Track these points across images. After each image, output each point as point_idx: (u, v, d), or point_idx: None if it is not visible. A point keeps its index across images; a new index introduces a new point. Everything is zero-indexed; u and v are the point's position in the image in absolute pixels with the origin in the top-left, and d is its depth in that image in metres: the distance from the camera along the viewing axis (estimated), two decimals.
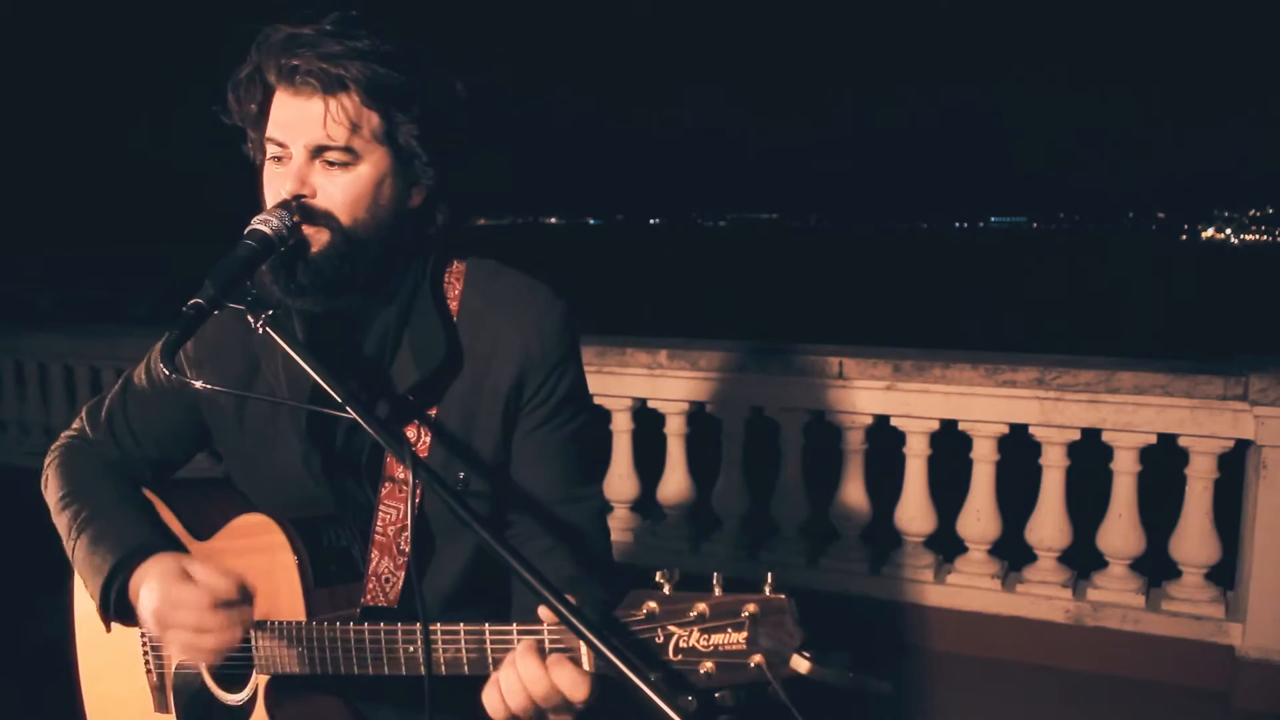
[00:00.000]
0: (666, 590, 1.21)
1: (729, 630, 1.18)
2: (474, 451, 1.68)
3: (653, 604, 1.22)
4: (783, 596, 1.16)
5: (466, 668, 1.40)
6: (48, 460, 1.87)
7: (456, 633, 1.40)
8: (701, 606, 1.19)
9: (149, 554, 1.61)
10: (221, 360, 1.72)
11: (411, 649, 1.45)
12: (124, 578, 1.61)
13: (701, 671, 1.19)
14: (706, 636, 1.19)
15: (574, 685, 1.29)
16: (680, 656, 1.20)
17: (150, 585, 1.56)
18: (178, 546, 1.72)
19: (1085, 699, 3.68)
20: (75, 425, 1.90)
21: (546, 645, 1.33)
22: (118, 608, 1.63)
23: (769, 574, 1.18)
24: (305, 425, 1.67)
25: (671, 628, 1.20)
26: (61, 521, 1.76)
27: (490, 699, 1.37)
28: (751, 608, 1.16)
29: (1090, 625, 3.87)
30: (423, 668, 1.43)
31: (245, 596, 1.55)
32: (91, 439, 1.86)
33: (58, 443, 1.89)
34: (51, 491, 1.81)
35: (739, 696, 1.19)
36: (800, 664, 1.13)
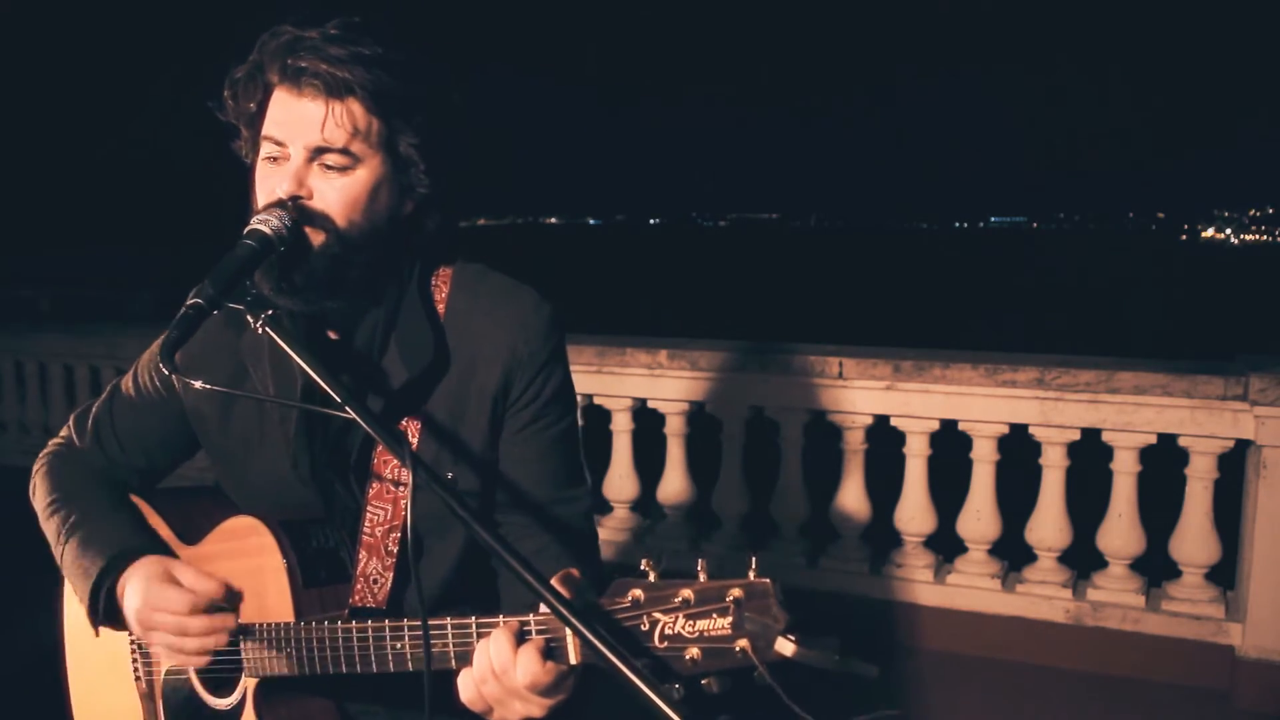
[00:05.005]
0: (651, 577, 1.21)
1: (714, 615, 1.16)
2: (461, 451, 1.68)
3: (638, 591, 1.21)
4: (767, 580, 1.15)
5: (454, 662, 1.38)
6: (35, 468, 1.86)
7: (444, 627, 1.38)
8: (686, 593, 1.18)
9: (136, 556, 1.62)
10: (209, 365, 1.71)
11: (400, 645, 1.44)
12: (112, 580, 1.62)
13: (687, 658, 1.18)
14: (692, 623, 1.18)
15: (533, 674, 1.27)
16: (666, 644, 1.19)
17: (134, 586, 1.57)
18: (166, 550, 1.72)
19: (1085, 699, 3.68)
20: (62, 434, 1.90)
21: (534, 631, 1.31)
22: (106, 611, 1.64)
23: (752, 558, 1.17)
24: (295, 428, 1.67)
25: (656, 614, 1.19)
26: (50, 527, 1.76)
27: (463, 680, 1.36)
28: (736, 592, 1.15)
29: (1090, 625, 3.87)
30: (411, 664, 1.42)
31: (231, 599, 1.57)
32: (78, 447, 1.85)
33: (45, 451, 1.88)
34: (40, 498, 1.81)
35: (725, 682, 1.18)
36: (785, 646, 1.12)
